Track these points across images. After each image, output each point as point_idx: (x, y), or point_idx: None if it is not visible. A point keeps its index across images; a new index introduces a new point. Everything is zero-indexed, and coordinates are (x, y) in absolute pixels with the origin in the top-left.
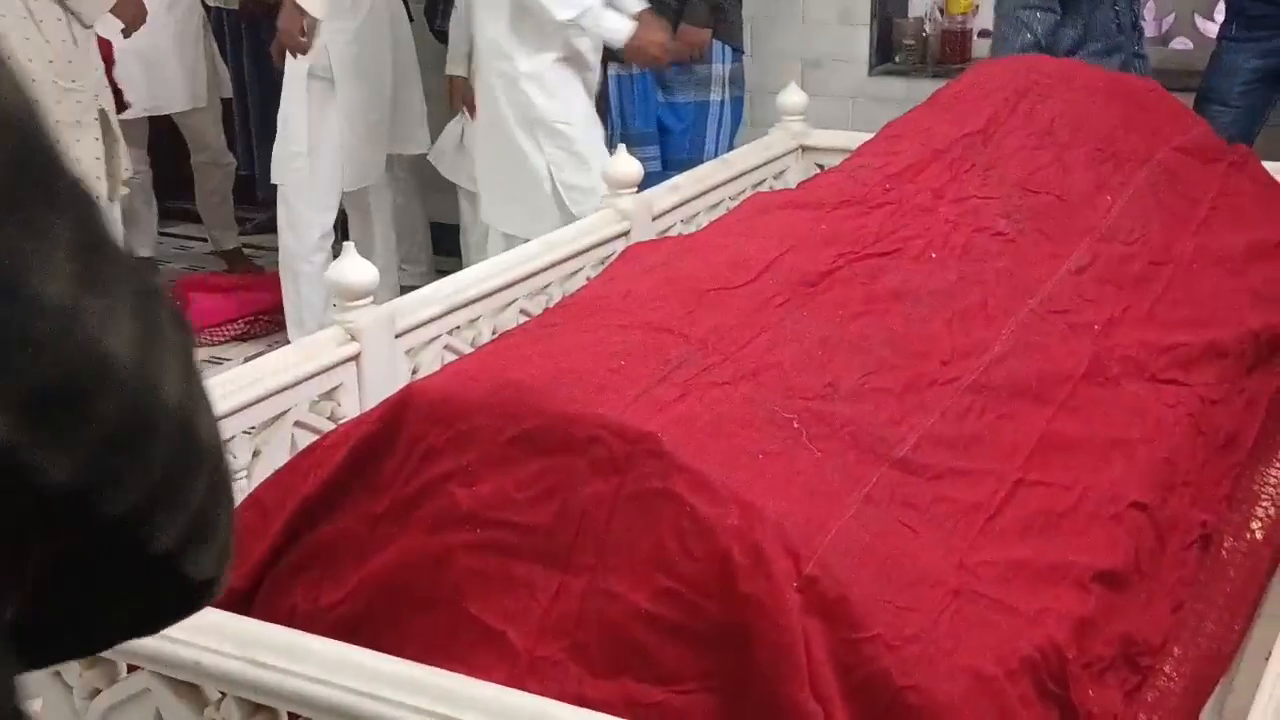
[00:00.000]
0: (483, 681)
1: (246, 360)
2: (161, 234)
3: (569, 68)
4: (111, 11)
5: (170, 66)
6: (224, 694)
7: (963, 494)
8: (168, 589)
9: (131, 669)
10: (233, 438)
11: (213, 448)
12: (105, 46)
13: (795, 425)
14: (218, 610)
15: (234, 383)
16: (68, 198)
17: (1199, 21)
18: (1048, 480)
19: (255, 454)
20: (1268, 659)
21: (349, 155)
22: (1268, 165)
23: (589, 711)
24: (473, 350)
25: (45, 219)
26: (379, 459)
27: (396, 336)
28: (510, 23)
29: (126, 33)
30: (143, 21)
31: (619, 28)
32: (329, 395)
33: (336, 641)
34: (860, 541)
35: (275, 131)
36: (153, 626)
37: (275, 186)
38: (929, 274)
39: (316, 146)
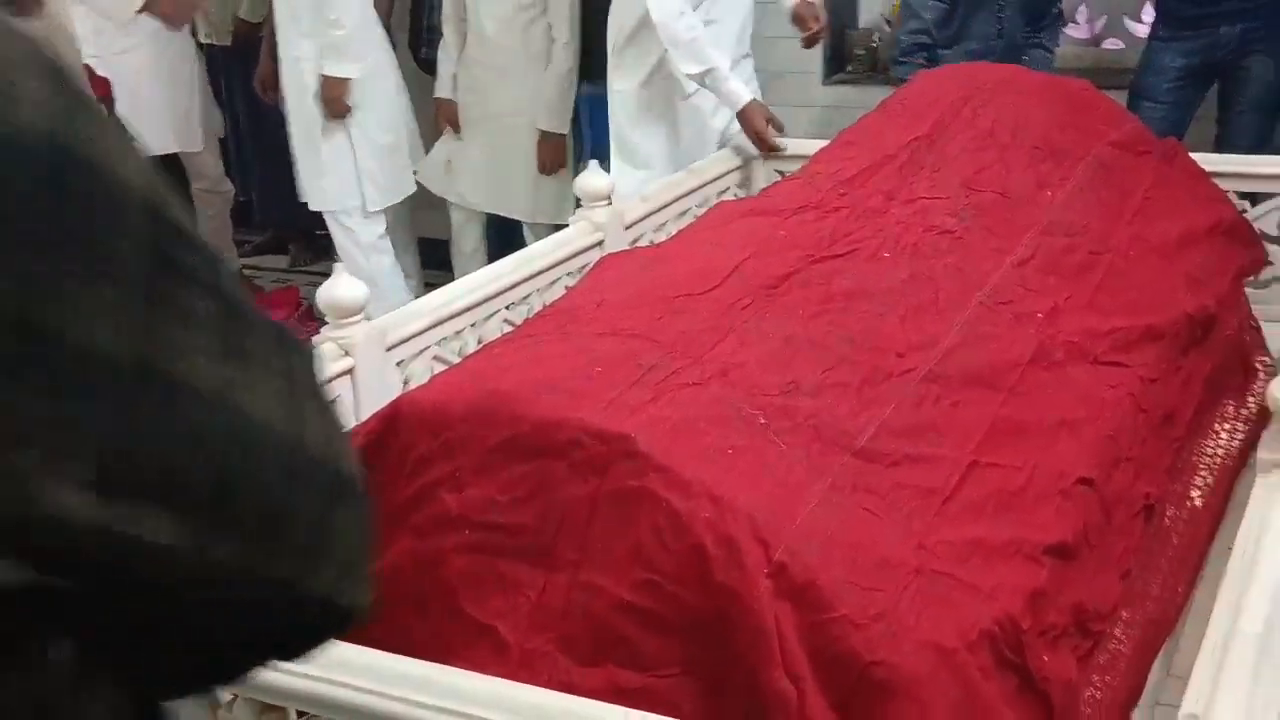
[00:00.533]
0: (484, 676)
1: None
2: None
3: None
4: (147, 10)
5: (159, 110)
6: (235, 695)
7: (920, 479)
8: (319, 623)
9: None
10: None
11: (352, 477)
12: (103, 86)
13: (761, 421)
14: None
15: None
16: (204, 272)
17: (1129, 23)
18: (1000, 462)
19: None
20: (1209, 620)
21: (370, 178)
22: (1196, 157)
23: (579, 699)
24: (460, 360)
25: (188, 302)
26: (373, 469)
27: (388, 349)
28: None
29: (173, 25)
30: (188, 18)
31: (740, 94)
32: None
33: (341, 642)
34: (826, 528)
35: (270, 159)
36: (297, 655)
37: (272, 211)
38: (882, 273)
39: (345, 166)
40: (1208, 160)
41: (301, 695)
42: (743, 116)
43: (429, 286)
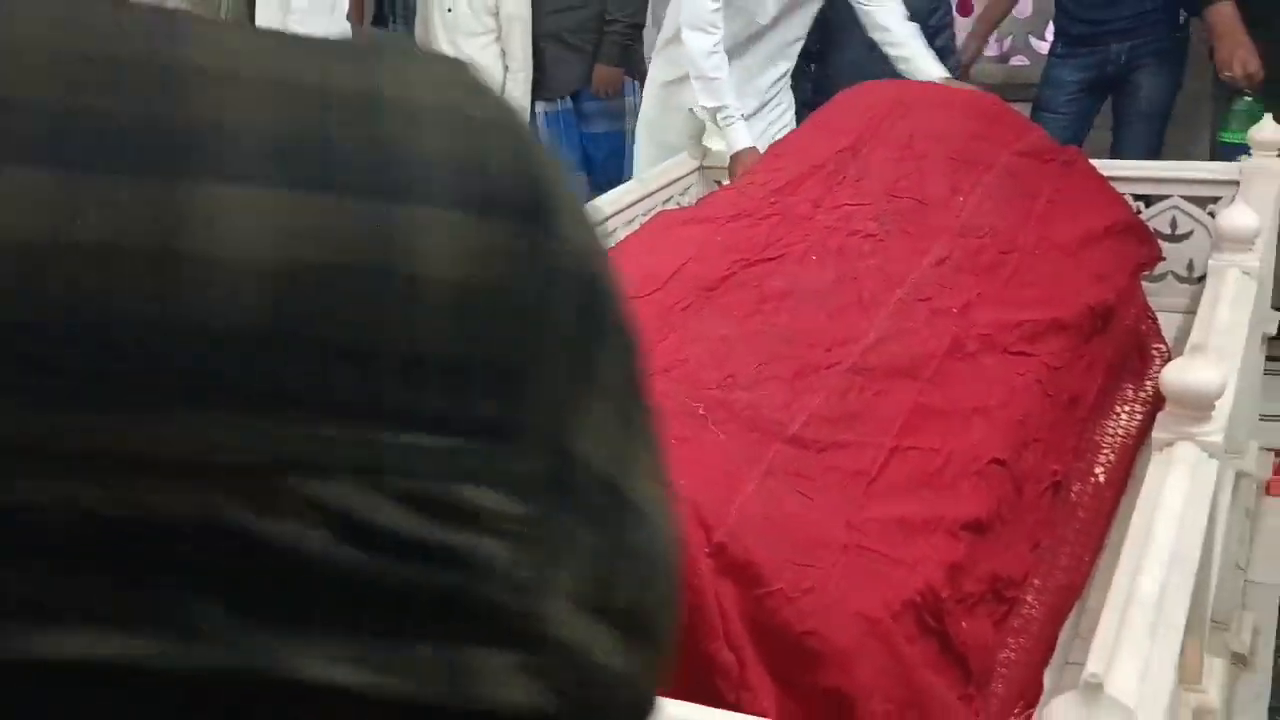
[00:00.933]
0: None
1: None
2: None
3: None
4: None
5: None
6: None
7: (848, 463)
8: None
9: None
10: None
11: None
12: None
13: (701, 413)
14: None
15: None
16: (642, 379)
17: (1034, 41)
18: (920, 445)
19: None
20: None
21: None
22: (1095, 163)
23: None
24: None
25: (639, 418)
26: None
27: None
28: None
29: None
30: None
31: (737, 141)
32: None
33: None
34: (762, 510)
35: None
36: None
37: None
38: (811, 274)
39: None
40: (1105, 166)
41: None
42: (734, 158)
43: None
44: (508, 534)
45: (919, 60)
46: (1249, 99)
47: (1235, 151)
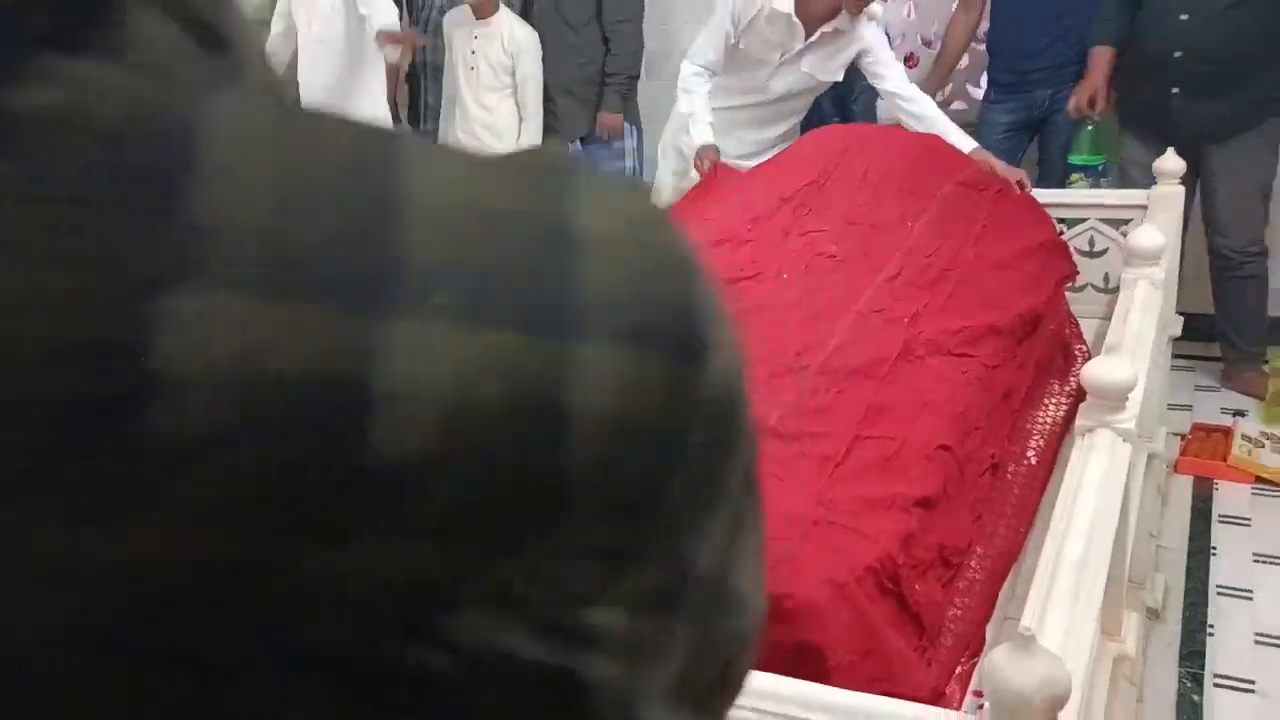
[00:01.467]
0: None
1: None
2: None
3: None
4: None
5: None
6: None
7: (817, 450)
8: None
9: None
10: None
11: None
12: None
13: None
14: None
15: None
16: (755, 468)
17: (970, 88)
18: (878, 435)
19: None
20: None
21: None
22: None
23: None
24: None
25: (750, 516)
26: None
27: None
28: None
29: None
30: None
31: (699, 138)
32: None
33: None
34: None
35: None
36: None
37: None
38: (783, 290)
39: None
40: (1034, 194)
41: None
42: (697, 152)
43: None
44: (620, 649)
45: (941, 124)
46: (1091, 127)
47: (1083, 171)
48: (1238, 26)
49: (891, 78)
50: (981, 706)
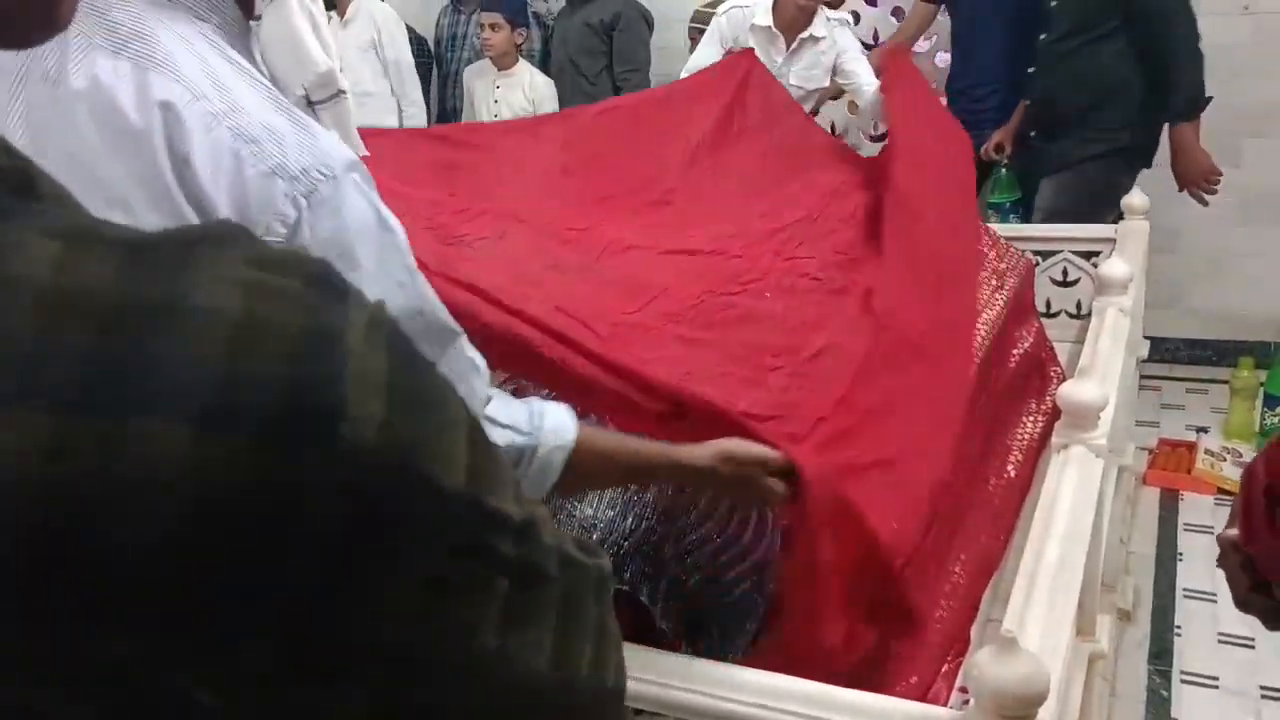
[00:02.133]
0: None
1: None
2: None
3: None
4: None
5: None
6: None
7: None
8: None
9: None
10: None
11: (618, 687)
12: None
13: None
14: None
15: None
16: (508, 545)
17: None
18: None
19: None
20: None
21: None
22: (1004, 228)
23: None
24: None
25: (485, 584)
26: None
27: None
28: None
29: None
30: None
31: None
32: None
33: None
34: None
35: None
36: None
37: None
38: (767, 303)
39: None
40: (1012, 229)
41: None
42: None
43: None
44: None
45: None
46: (1004, 170)
47: (999, 210)
48: (1073, 75)
49: (862, 73)
50: (967, 703)
